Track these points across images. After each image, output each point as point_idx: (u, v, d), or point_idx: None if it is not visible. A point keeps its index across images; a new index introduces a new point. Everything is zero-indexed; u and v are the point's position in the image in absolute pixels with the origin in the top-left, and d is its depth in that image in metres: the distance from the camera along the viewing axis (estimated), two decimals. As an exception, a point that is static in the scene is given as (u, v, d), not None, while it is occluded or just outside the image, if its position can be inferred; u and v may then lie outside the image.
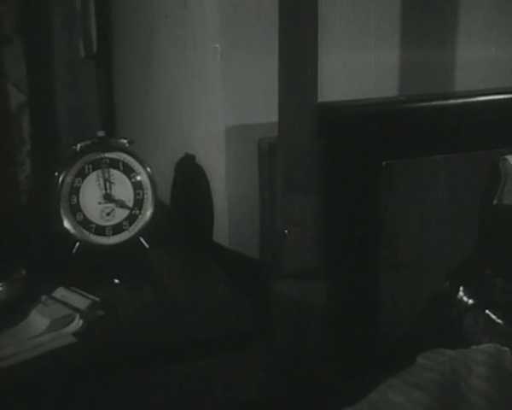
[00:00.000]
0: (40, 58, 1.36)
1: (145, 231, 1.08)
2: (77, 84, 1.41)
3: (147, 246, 1.08)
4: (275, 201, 1.00)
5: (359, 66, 1.16)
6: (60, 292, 0.92)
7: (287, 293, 0.97)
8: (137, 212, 1.08)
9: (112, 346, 0.84)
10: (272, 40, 1.04)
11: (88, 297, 0.91)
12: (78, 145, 1.06)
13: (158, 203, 1.09)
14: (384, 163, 1.02)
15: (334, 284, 1.00)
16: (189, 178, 1.23)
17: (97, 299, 0.91)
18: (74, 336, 0.83)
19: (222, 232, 1.17)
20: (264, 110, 1.10)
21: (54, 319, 0.85)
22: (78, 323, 0.85)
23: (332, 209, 1.02)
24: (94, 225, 1.06)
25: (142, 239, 1.08)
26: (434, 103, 1.12)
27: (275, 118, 1.01)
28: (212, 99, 1.14)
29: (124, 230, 1.08)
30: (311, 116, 0.95)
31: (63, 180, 1.04)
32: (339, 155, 1.03)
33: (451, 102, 1.14)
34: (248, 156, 1.10)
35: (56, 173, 1.06)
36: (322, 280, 0.98)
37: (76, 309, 0.88)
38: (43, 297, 0.91)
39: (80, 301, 0.90)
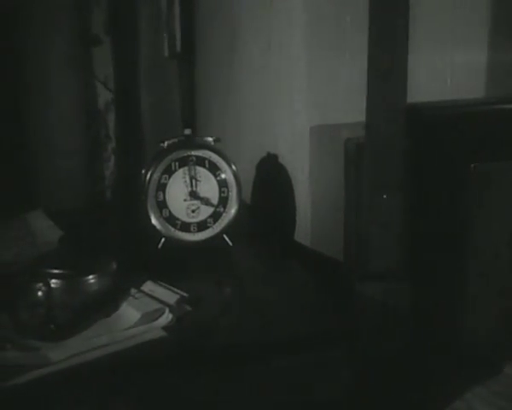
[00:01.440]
0: (126, 57, 1.40)
1: (229, 228, 1.10)
2: (160, 82, 1.44)
3: (230, 244, 1.10)
4: (360, 201, 1.00)
5: (447, 66, 1.14)
6: (148, 286, 0.94)
7: (370, 294, 0.97)
8: (222, 209, 1.10)
9: (199, 342, 0.85)
10: (359, 39, 1.04)
11: (176, 292, 0.93)
12: (166, 143, 1.08)
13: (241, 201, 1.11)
14: (472, 166, 1.00)
15: (419, 287, 0.99)
16: (271, 178, 1.24)
17: (185, 294, 0.93)
18: (164, 330, 0.85)
19: (303, 232, 1.17)
20: (350, 110, 1.10)
21: (145, 313, 0.87)
22: (167, 317, 0.87)
23: (418, 211, 1.01)
24: (179, 222, 1.09)
25: (225, 237, 1.10)
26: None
27: (360, 118, 1.01)
28: (296, 99, 1.15)
29: (208, 227, 1.10)
30: (400, 117, 0.95)
31: (151, 177, 1.07)
32: (426, 156, 1.02)
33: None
34: (333, 156, 1.10)
35: (143, 170, 1.09)
36: (407, 282, 0.98)
37: (165, 303, 0.89)
38: (133, 291, 0.93)
39: (168, 295, 0.92)
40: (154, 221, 1.07)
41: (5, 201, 1.26)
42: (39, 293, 0.86)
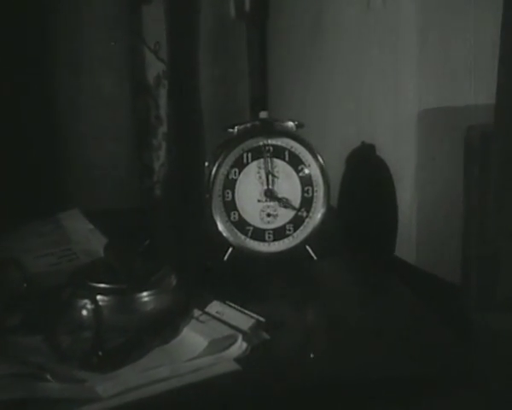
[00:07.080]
0: (183, 18, 1.43)
1: (313, 237, 1.12)
2: (224, 50, 1.46)
3: (314, 257, 1.13)
4: (486, 206, 1.02)
5: None
6: (215, 307, 0.98)
7: (498, 328, 0.99)
8: (305, 214, 1.13)
9: (275, 379, 0.88)
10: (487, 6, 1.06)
11: (250, 315, 0.96)
12: (236, 128, 1.11)
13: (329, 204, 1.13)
14: None
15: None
16: (366, 175, 1.26)
17: (262, 318, 0.96)
18: (237, 363, 0.88)
19: (407, 245, 1.19)
20: (470, 90, 1.12)
21: (212, 340, 0.90)
22: (241, 346, 0.90)
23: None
24: (251, 228, 1.12)
25: (308, 248, 1.13)
26: None
27: (484, 100, 1.03)
28: (402, 75, 1.17)
29: (287, 235, 1.13)
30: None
31: (217, 171, 1.10)
32: None
33: None
34: (448, 149, 1.12)
35: (207, 163, 1.13)
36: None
37: (237, 329, 0.93)
38: (196, 312, 0.97)
39: (241, 319, 0.95)
40: (220, 227, 1.11)
41: (32, 199, 1.31)
42: (84, 312, 0.90)
